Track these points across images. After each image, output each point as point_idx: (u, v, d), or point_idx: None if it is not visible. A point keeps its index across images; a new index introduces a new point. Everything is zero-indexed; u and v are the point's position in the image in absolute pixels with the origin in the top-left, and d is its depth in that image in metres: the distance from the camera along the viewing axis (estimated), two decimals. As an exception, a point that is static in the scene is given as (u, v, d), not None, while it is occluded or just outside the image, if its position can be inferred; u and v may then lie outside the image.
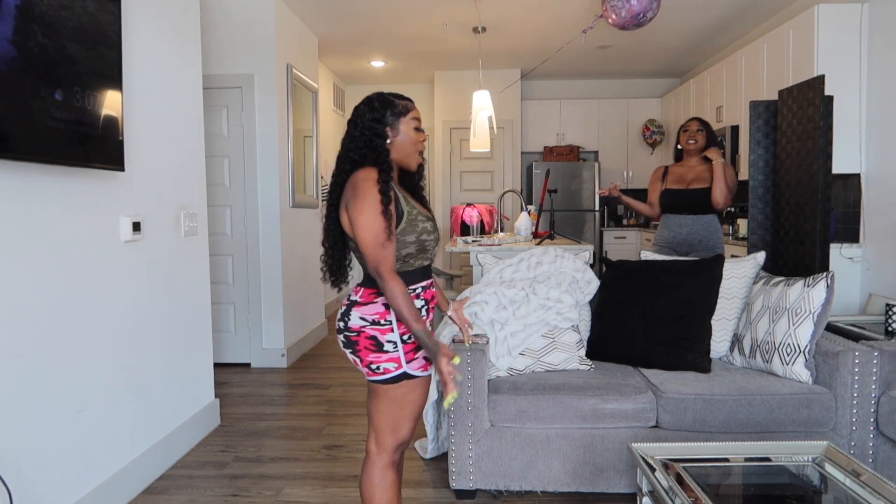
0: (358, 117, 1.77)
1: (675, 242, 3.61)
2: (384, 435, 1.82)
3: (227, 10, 4.42)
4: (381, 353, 1.74)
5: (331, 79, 6.96)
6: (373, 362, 1.75)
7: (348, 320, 1.76)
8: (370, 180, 1.68)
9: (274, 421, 3.44)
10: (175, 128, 2.98)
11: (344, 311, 1.79)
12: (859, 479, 1.74)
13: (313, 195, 5.43)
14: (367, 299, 1.75)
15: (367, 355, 1.75)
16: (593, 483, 2.38)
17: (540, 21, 5.17)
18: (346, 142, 1.78)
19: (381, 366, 1.74)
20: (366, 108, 1.78)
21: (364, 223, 1.66)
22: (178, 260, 2.98)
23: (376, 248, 1.67)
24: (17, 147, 1.84)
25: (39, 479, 2.06)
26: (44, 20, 1.92)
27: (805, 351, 2.37)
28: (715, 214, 3.61)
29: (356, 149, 1.75)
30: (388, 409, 1.79)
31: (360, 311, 1.75)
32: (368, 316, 1.74)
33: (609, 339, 2.73)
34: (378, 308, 1.74)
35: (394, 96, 1.79)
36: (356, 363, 1.79)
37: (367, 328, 1.74)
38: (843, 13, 3.86)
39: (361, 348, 1.75)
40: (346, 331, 1.78)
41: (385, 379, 1.76)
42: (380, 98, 1.78)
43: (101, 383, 2.38)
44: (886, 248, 3.74)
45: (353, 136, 1.77)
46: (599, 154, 7.26)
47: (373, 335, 1.74)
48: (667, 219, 3.69)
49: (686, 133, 3.65)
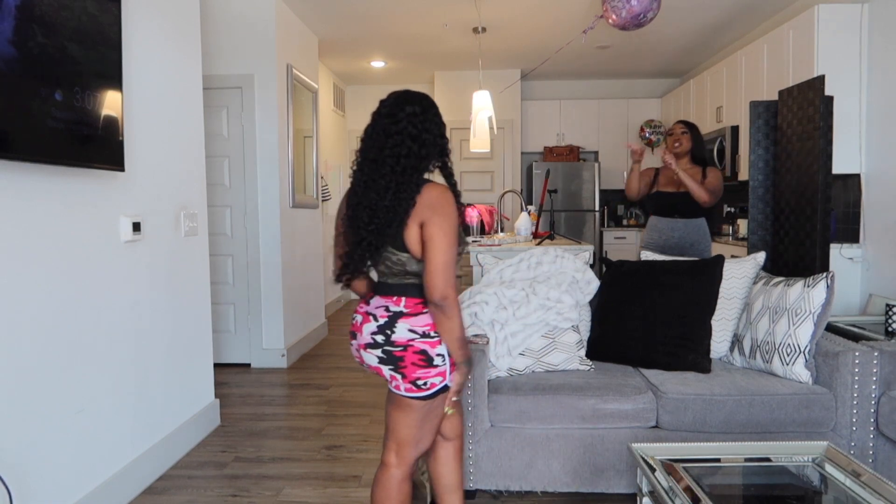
0: (429, 123, 1.68)
1: (666, 246, 3.60)
2: (407, 448, 1.74)
3: (227, 10, 4.42)
4: (430, 368, 1.64)
5: (331, 79, 6.96)
6: (420, 378, 1.64)
7: (392, 333, 1.64)
8: (451, 201, 1.63)
9: (274, 421, 3.44)
10: (175, 128, 2.98)
11: (384, 324, 1.65)
12: (859, 479, 1.74)
13: (313, 195, 5.43)
14: (416, 310, 1.65)
15: (415, 371, 1.63)
16: (593, 483, 2.38)
17: (540, 21, 5.17)
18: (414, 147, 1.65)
19: (429, 381, 1.65)
20: (435, 116, 1.70)
21: (444, 245, 1.59)
22: (178, 260, 2.98)
23: (448, 271, 1.59)
24: (17, 147, 1.84)
25: (39, 479, 2.06)
26: (44, 20, 1.92)
27: (805, 351, 2.37)
28: (704, 218, 3.62)
29: (427, 157, 1.66)
30: (417, 423, 1.71)
31: (408, 323, 1.64)
32: (418, 328, 1.64)
33: (609, 340, 2.73)
34: (428, 319, 1.65)
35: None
36: (392, 379, 1.67)
37: (417, 341, 1.63)
38: (843, 13, 3.86)
39: (408, 364, 1.63)
40: (387, 345, 1.64)
41: (428, 395, 1.66)
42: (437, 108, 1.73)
43: (101, 383, 2.38)
44: (886, 248, 3.74)
45: (424, 141, 1.66)
46: (599, 154, 7.26)
47: (422, 349, 1.63)
48: (658, 221, 3.67)
49: (671, 137, 3.66)
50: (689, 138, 3.61)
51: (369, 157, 1.68)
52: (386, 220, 1.61)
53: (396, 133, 1.64)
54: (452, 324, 1.63)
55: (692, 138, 3.62)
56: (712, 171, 3.62)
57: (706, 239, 3.62)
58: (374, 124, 1.70)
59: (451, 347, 1.67)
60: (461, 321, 1.65)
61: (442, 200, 1.63)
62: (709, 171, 3.62)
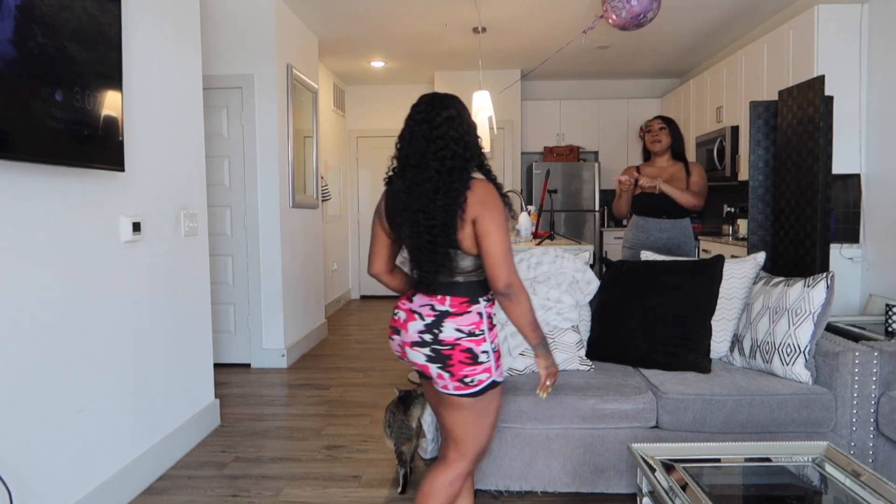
0: (465, 122, 1.73)
1: (654, 246, 3.54)
2: (465, 445, 1.76)
3: (227, 10, 4.42)
4: (476, 366, 1.68)
5: (331, 79, 6.96)
6: (467, 375, 1.68)
7: (439, 332, 1.68)
8: (496, 193, 1.69)
9: (274, 421, 3.44)
10: (175, 128, 2.98)
11: (431, 323, 1.70)
12: (859, 479, 1.74)
13: (313, 195, 5.43)
14: (461, 309, 1.69)
15: (462, 369, 1.67)
16: (593, 483, 2.38)
17: (540, 21, 5.17)
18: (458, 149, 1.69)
19: (476, 378, 1.69)
20: (469, 117, 1.75)
21: (500, 236, 1.65)
22: (179, 260, 2.98)
23: (508, 259, 1.65)
24: (17, 147, 1.84)
25: (39, 479, 2.06)
26: (44, 20, 1.92)
27: (805, 351, 2.37)
28: (688, 217, 3.57)
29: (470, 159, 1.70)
30: (473, 420, 1.74)
31: (455, 323, 1.68)
32: (465, 327, 1.68)
33: (609, 340, 2.73)
34: (473, 318, 1.69)
35: None
36: (440, 378, 1.71)
37: (464, 340, 1.67)
38: (843, 13, 3.86)
39: (455, 362, 1.67)
40: (435, 344, 1.69)
41: (476, 391, 1.70)
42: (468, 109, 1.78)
43: (101, 383, 2.38)
44: (886, 248, 3.74)
45: (467, 143, 1.71)
46: (599, 154, 7.26)
47: (468, 347, 1.67)
48: (644, 222, 3.59)
49: (650, 133, 3.55)
50: (668, 134, 3.50)
51: (411, 163, 1.71)
52: (442, 220, 1.66)
53: (438, 138, 1.69)
54: (522, 308, 1.69)
55: (671, 133, 3.51)
56: (695, 168, 3.50)
57: (692, 239, 3.59)
58: (411, 130, 1.73)
59: (523, 332, 1.73)
60: (530, 305, 1.71)
61: (489, 195, 1.68)
62: (691, 168, 3.50)
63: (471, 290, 1.72)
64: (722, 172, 5.25)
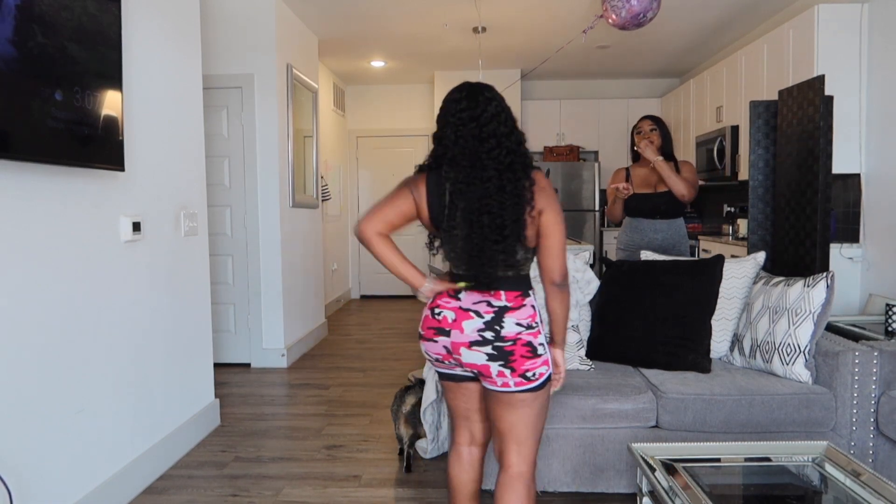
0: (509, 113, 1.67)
1: (649, 248, 3.53)
2: (527, 445, 1.72)
3: (227, 10, 4.42)
4: (535, 359, 1.65)
5: (331, 79, 6.96)
6: (528, 369, 1.64)
7: (501, 328, 1.63)
8: (549, 181, 1.67)
9: (274, 421, 3.44)
10: (175, 128, 2.98)
11: (492, 320, 1.64)
12: (859, 479, 1.74)
13: (313, 195, 5.43)
14: (518, 303, 1.66)
15: (523, 363, 1.64)
16: (593, 483, 2.38)
17: (540, 21, 5.17)
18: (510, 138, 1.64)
19: (536, 371, 1.66)
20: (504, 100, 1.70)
21: (562, 228, 1.65)
22: (178, 260, 2.98)
23: (565, 252, 1.65)
24: (17, 147, 1.84)
25: (39, 479, 2.06)
26: (44, 20, 1.92)
27: (805, 351, 2.37)
28: (682, 217, 3.56)
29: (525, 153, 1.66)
30: (535, 417, 1.71)
31: (514, 317, 1.64)
32: (523, 320, 1.65)
33: (609, 339, 2.73)
34: (529, 311, 1.67)
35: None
36: (500, 376, 1.65)
37: (524, 334, 1.64)
38: (843, 13, 3.86)
39: (518, 357, 1.63)
40: (498, 340, 1.63)
41: (537, 385, 1.67)
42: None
43: (101, 383, 2.38)
44: (886, 248, 3.74)
45: (517, 136, 1.66)
46: (599, 154, 7.26)
47: (528, 340, 1.64)
48: (639, 223, 3.58)
49: (639, 134, 3.52)
50: (659, 135, 3.47)
51: (463, 164, 1.63)
52: (512, 217, 1.60)
53: (490, 136, 1.63)
54: (568, 301, 1.72)
55: (661, 134, 3.48)
56: (684, 164, 3.49)
57: (686, 239, 3.58)
58: (456, 131, 1.65)
59: (561, 326, 1.74)
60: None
61: (548, 183, 1.66)
62: (681, 164, 3.48)
63: (522, 283, 1.69)
64: (722, 172, 5.25)
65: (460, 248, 1.67)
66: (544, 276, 1.69)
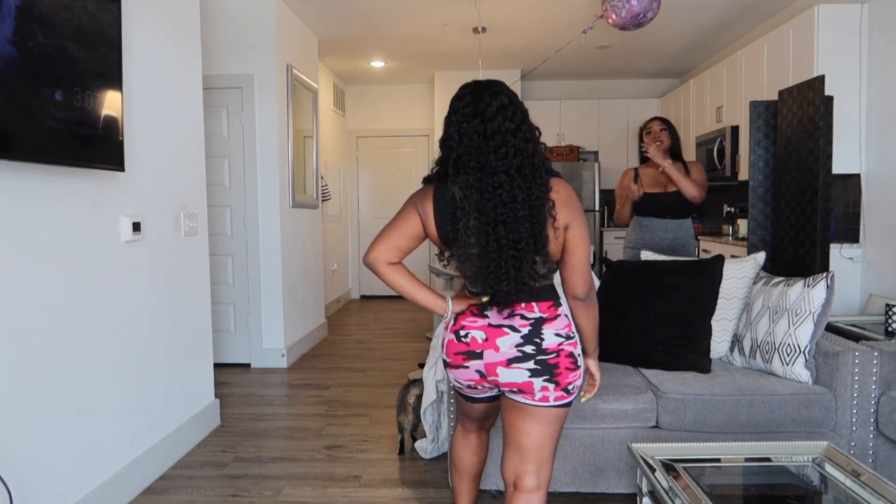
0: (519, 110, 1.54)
1: (658, 247, 3.55)
2: (546, 466, 1.61)
3: (227, 10, 4.42)
4: (577, 370, 1.56)
5: (331, 79, 6.96)
6: (570, 382, 1.54)
7: (542, 341, 1.52)
8: (575, 191, 1.56)
9: (274, 421, 3.44)
10: (175, 128, 2.98)
11: (529, 333, 1.52)
12: (859, 479, 1.74)
13: (313, 195, 5.43)
14: (552, 313, 1.55)
15: (567, 376, 1.53)
16: (593, 483, 2.38)
17: (540, 21, 5.17)
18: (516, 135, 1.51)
19: (576, 384, 1.56)
20: (517, 98, 1.57)
21: (587, 241, 1.54)
22: (178, 260, 2.98)
23: (589, 265, 1.55)
24: (17, 147, 1.84)
25: (39, 479, 2.06)
26: (44, 20, 1.92)
27: (805, 351, 2.37)
28: (690, 217, 3.58)
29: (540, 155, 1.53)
30: (558, 434, 1.61)
31: (552, 328, 1.54)
32: (561, 330, 1.55)
33: (609, 339, 2.73)
34: (564, 321, 1.57)
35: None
36: (543, 390, 1.53)
37: (565, 344, 1.54)
38: (843, 13, 3.86)
39: (562, 370, 1.53)
40: (541, 354, 1.51)
41: (572, 399, 1.58)
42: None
43: (101, 383, 2.38)
44: (886, 248, 3.74)
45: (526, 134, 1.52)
46: (599, 154, 7.26)
47: (571, 351, 1.55)
48: (649, 222, 3.60)
49: (649, 135, 3.54)
50: (669, 136, 3.50)
51: (471, 165, 1.50)
52: (529, 232, 1.47)
53: (495, 133, 1.50)
54: (595, 313, 1.62)
55: (671, 136, 3.51)
56: (693, 165, 3.52)
57: (693, 239, 3.61)
58: (460, 129, 1.54)
59: (592, 336, 1.65)
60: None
61: (572, 195, 1.54)
62: (690, 165, 3.52)
63: (551, 293, 1.58)
64: (722, 172, 5.25)
65: (476, 264, 1.52)
66: (567, 290, 1.58)
